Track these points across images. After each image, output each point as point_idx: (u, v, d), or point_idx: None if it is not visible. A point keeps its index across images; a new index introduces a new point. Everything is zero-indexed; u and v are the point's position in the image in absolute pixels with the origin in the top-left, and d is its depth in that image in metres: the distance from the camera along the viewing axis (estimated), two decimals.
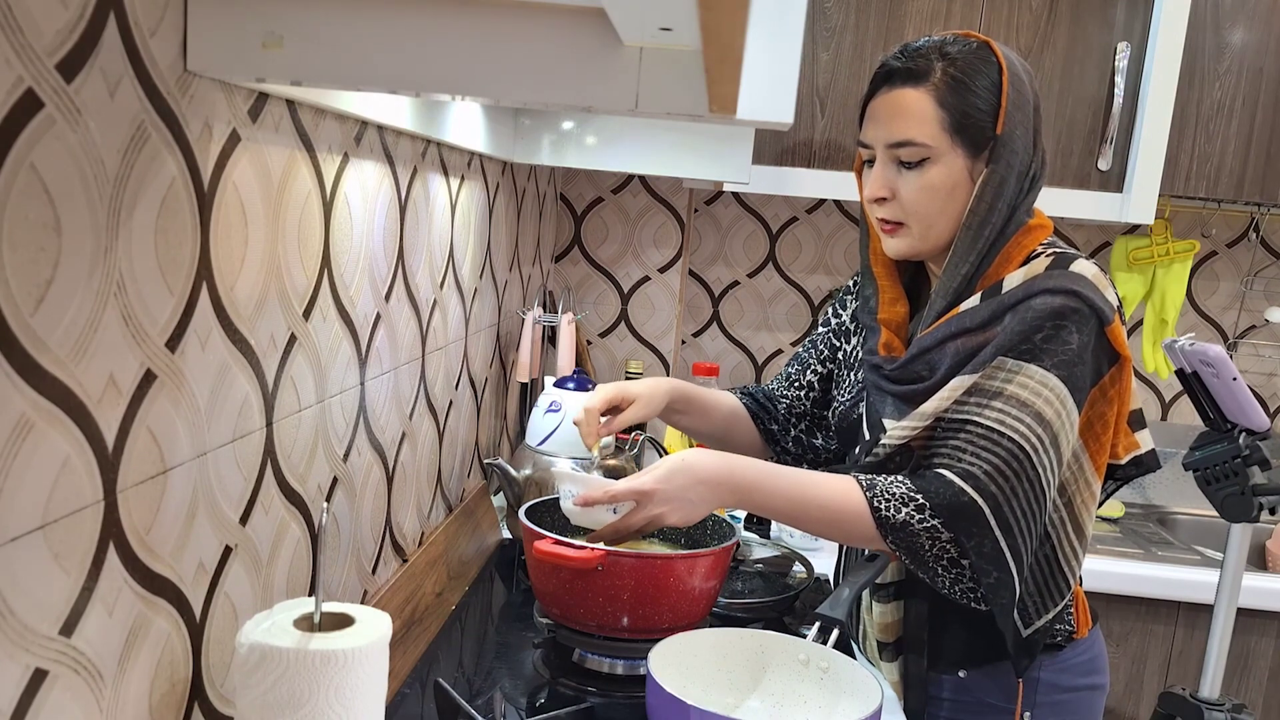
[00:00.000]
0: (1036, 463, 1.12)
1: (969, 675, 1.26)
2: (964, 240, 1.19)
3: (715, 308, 2.52)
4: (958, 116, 1.16)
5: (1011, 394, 1.12)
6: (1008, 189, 1.18)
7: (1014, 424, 1.12)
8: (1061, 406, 1.12)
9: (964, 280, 1.20)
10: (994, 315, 1.17)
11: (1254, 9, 2.01)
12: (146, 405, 0.72)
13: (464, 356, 1.60)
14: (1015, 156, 1.17)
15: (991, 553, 1.12)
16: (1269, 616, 1.96)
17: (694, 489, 1.14)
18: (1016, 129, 1.17)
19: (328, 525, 1.09)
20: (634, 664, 1.24)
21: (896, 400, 1.24)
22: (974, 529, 1.11)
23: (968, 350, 1.17)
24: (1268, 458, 1.37)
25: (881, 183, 1.21)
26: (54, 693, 0.65)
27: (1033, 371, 1.12)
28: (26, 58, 0.57)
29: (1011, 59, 1.19)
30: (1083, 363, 1.13)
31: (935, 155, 1.17)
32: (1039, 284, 1.15)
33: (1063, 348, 1.13)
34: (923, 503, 1.12)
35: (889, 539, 1.14)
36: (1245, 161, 2.05)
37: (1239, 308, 2.44)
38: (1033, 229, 1.21)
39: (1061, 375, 1.12)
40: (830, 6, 2.01)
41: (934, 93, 1.17)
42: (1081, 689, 1.28)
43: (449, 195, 1.42)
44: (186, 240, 0.75)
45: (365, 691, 0.80)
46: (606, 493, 1.14)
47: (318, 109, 0.95)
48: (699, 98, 0.70)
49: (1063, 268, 1.17)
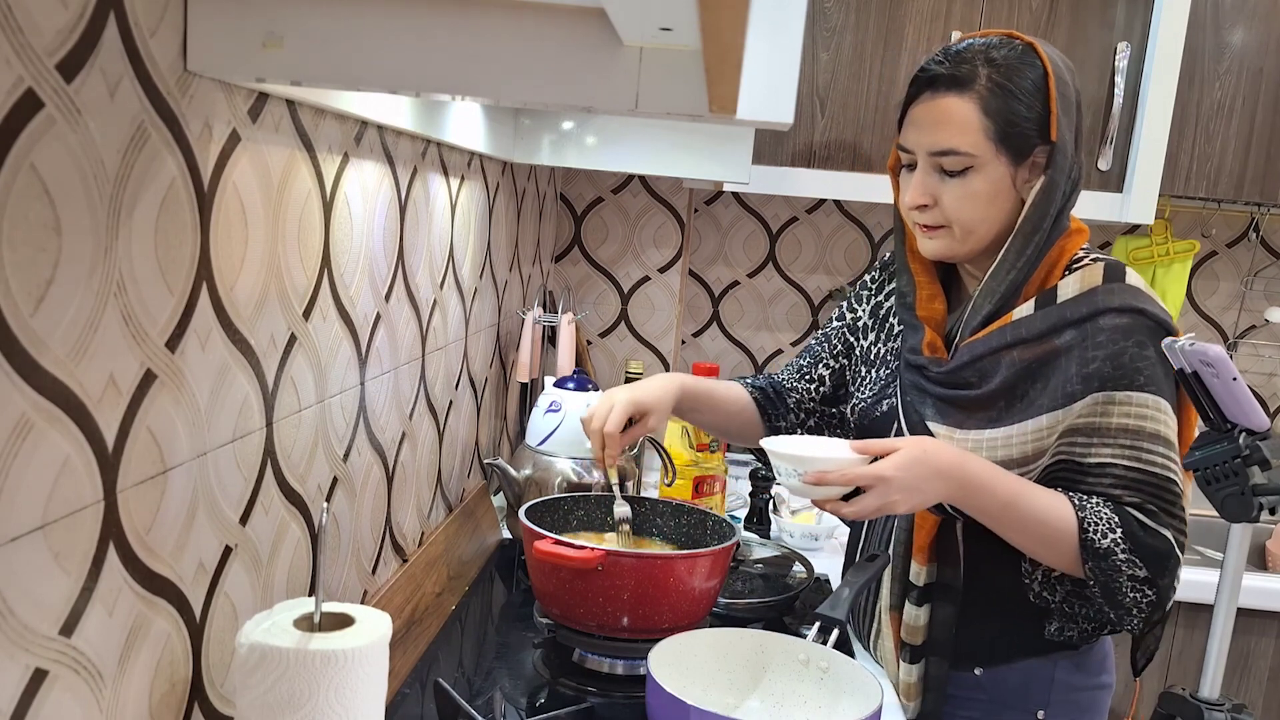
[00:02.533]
0: (1180, 486, 1.16)
1: (984, 674, 1.26)
2: (1014, 247, 1.18)
3: (715, 308, 2.53)
4: (1002, 125, 1.15)
5: (1135, 427, 1.14)
6: (1058, 194, 1.18)
7: (1151, 457, 1.14)
8: (1172, 422, 1.16)
9: (1011, 286, 1.19)
10: (1053, 328, 1.16)
11: (1254, 9, 2.01)
12: (146, 405, 0.72)
13: (464, 356, 1.60)
14: (1067, 161, 1.17)
15: (1167, 584, 1.16)
16: (1269, 616, 1.96)
17: (930, 481, 1.12)
18: (1065, 133, 1.16)
19: (328, 525, 1.09)
20: (634, 664, 1.24)
21: (940, 403, 1.23)
22: (1165, 566, 1.15)
23: (1024, 362, 1.16)
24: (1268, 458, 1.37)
25: (923, 190, 1.19)
26: (54, 693, 0.65)
27: (1145, 399, 1.14)
28: (26, 58, 0.57)
29: (1056, 60, 1.18)
30: (1168, 375, 1.15)
31: (979, 164, 1.16)
32: (1101, 300, 1.15)
33: (1149, 366, 1.14)
34: (1122, 537, 1.14)
35: (1088, 564, 1.15)
36: (1245, 161, 2.05)
37: (1239, 308, 2.44)
38: (1073, 234, 1.22)
39: (1161, 393, 1.15)
40: (830, 6, 2.01)
41: (978, 101, 1.15)
42: (1093, 688, 1.28)
43: (449, 195, 1.42)
44: (186, 240, 0.75)
45: (365, 691, 0.80)
46: (844, 476, 1.12)
47: (318, 109, 0.95)
48: (699, 98, 0.70)
49: (1119, 279, 1.17)
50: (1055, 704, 1.25)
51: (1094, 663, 1.28)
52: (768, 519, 1.87)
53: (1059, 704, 1.25)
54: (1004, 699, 1.26)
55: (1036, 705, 1.25)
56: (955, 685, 1.27)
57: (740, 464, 2.32)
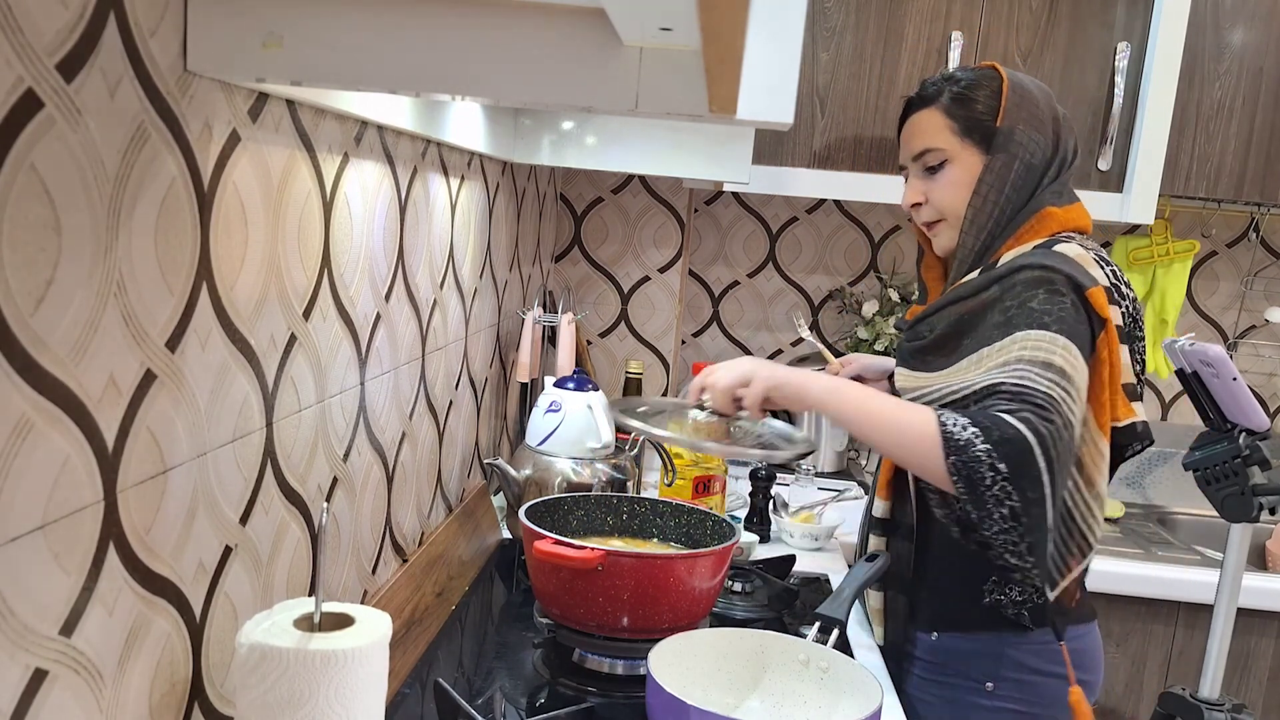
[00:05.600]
0: (1067, 410, 1.16)
1: (940, 637, 1.36)
2: (966, 219, 1.34)
3: (715, 308, 2.52)
4: (964, 121, 1.34)
5: (1030, 357, 1.20)
6: (1011, 176, 1.31)
7: (1037, 379, 1.18)
8: (1076, 359, 1.20)
9: (973, 255, 1.34)
10: (982, 286, 1.29)
11: (1254, 9, 2.01)
12: (146, 405, 0.72)
13: (464, 356, 1.60)
14: (1020, 148, 1.31)
15: (1036, 498, 1.14)
16: (1269, 616, 1.96)
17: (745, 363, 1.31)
18: (1018, 124, 1.31)
19: (328, 525, 1.09)
20: (634, 664, 1.24)
21: (906, 354, 1.40)
22: (1024, 464, 1.13)
23: (958, 314, 1.31)
24: (1268, 458, 1.37)
25: (914, 191, 1.39)
26: (54, 693, 0.65)
27: (1041, 335, 1.20)
28: (26, 58, 0.57)
29: (1018, 76, 1.35)
30: (1080, 322, 1.22)
31: (951, 156, 1.34)
32: (1021, 260, 1.27)
33: (1058, 309, 1.21)
34: (979, 430, 1.15)
35: (950, 458, 1.15)
36: (1245, 161, 2.05)
37: (1239, 308, 2.44)
38: (1047, 217, 1.32)
39: (1065, 331, 1.20)
40: (830, 6, 2.01)
41: (942, 108, 1.35)
42: (1055, 677, 1.31)
43: (449, 195, 1.42)
44: (186, 240, 0.75)
45: (365, 691, 0.80)
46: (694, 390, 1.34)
47: (318, 109, 0.95)
48: (699, 98, 0.70)
49: (1046, 248, 1.28)
50: (1007, 680, 1.32)
51: (1055, 651, 1.31)
52: (768, 519, 1.87)
53: (1012, 681, 1.32)
54: (955, 665, 1.35)
55: (985, 677, 1.33)
56: (919, 648, 1.39)
57: (740, 464, 2.32)
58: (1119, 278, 1.31)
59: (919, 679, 1.39)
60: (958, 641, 1.35)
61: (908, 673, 1.41)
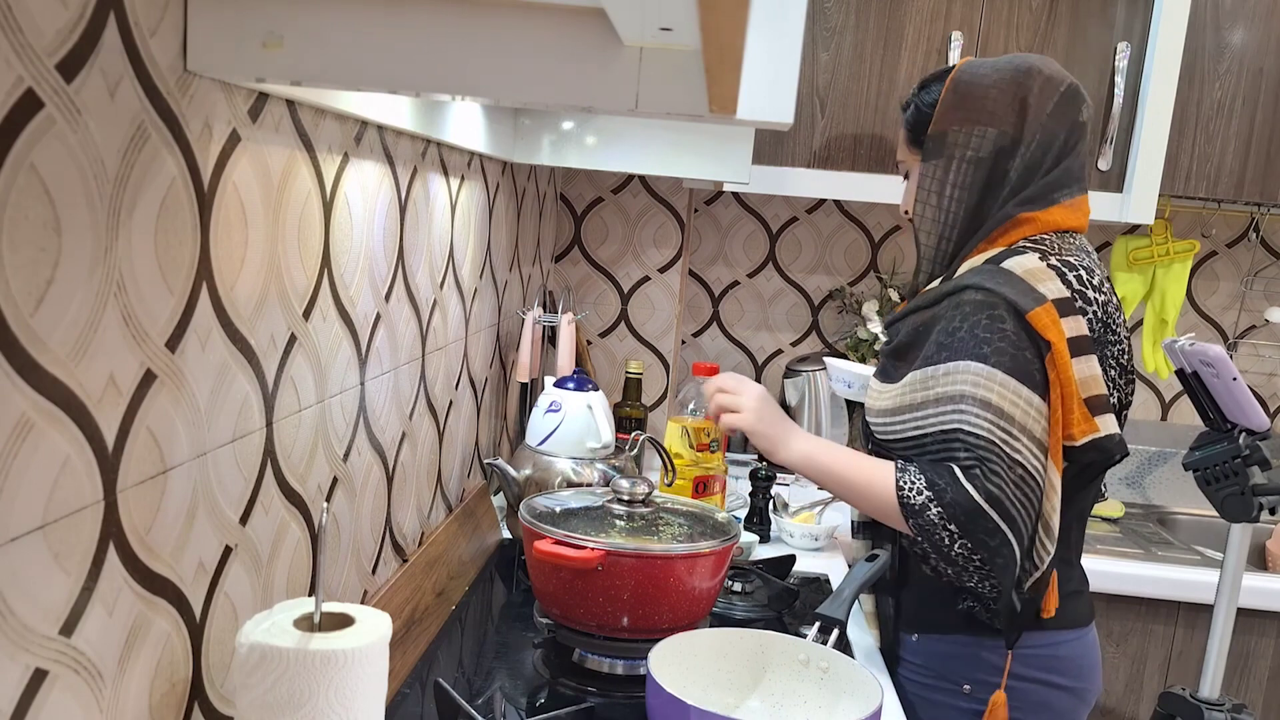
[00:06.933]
0: (1010, 450, 1.20)
1: (920, 639, 1.38)
2: (914, 226, 1.39)
3: (715, 308, 2.52)
4: (910, 131, 1.41)
5: (970, 394, 1.22)
6: (950, 177, 1.33)
7: (976, 421, 1.21)
8: (1016, 395, 1.20)
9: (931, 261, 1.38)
10: (936, 299, 1.32)
11: (1254, 9, 2.01)
12: (146, 405, 0.72)
13: (464, 356, 1.60)
14: (955, 148, 1.33)
15: (997, 544, 1.20)
16: (1269, 616, 1.96)
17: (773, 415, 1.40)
18: (950, 125, 1.33)
19: (328, 525, 1.09)
20: (634, 664, 1.24)
21: (881, 355, 1.44)
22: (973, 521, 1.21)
23: (916, 324, 1.34)
24: (1268, 458, 1.37)
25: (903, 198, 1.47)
26: (54, 693, 0.65)
27: (979, 370, 1.22)
28: (26, 58, 0.57)
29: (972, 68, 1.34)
30: (1022, 348, 1.21)
31: (910, 167, 1.43)
32: (967, 279, 1.28)
33: (998, 338, 1.22)
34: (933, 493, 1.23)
35: (909, 521, 1.24)
36: (1245, 161, 2.05)
37: (1239, 308, 2.44)
38: (1020, 222, 1.31)
39: (1003, 365, 1.21)
40: (830, 6, 2.01)
41: (904, 120, 1.42)
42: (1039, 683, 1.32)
43: (449, 195, 1.42)
44: (186, 240, 0.75)
45: (365, 691, 0.80)
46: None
47: (318, 109, 0.95)
48: (699, 98, 0.70)
49: (996, 263, 1.28)
50: (983, 684, 1.33)
51: (1039, 658, 1.31)
52: (768, 519, 1.87)
53: (989, 685, 1.32)
54: (935, 667, 1.37)
55: (961, 679, 1.34)
56: (904, 649, 1.42)
57: (740, 464, 2.32)
58: (1087, 281, 1.26)
59: (905, 679, 1.42)
60: (937, 644, 1.37)
61: (896, 674, 1.43)
